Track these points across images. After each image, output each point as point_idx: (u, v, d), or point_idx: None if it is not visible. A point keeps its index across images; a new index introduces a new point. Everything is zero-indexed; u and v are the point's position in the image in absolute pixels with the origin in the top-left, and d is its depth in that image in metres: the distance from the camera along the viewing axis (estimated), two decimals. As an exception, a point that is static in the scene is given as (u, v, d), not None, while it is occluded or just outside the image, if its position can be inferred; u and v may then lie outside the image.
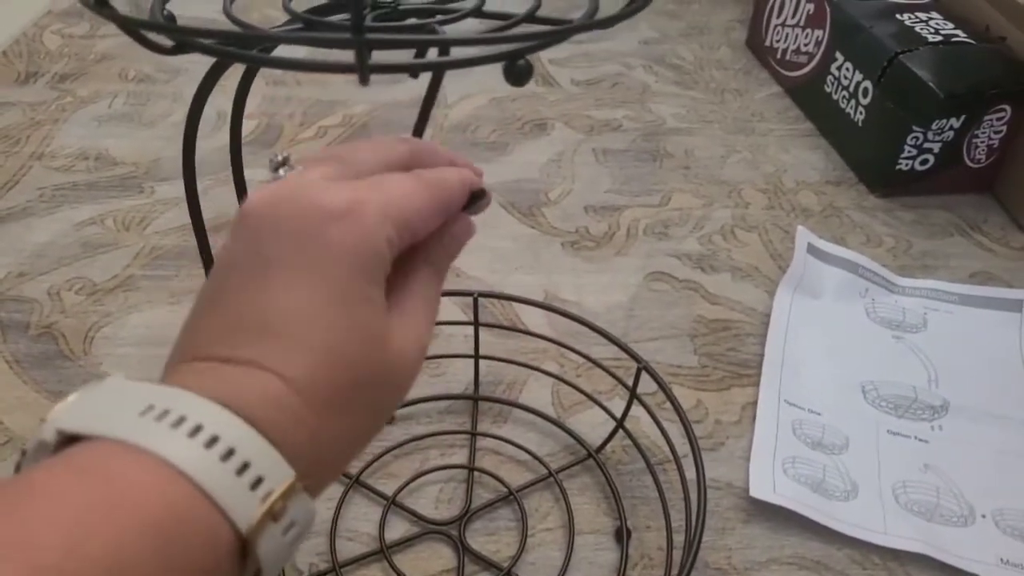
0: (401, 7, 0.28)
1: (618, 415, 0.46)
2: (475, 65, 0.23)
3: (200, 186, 0.64)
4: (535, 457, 0.46)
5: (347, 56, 0.22)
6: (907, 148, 0.65)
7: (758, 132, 0.76)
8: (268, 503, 0.18)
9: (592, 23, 0.23)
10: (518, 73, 0.23)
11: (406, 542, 0.42)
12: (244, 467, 0.18)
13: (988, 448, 0.48)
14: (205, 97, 0.32)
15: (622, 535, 0.42)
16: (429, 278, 0.24)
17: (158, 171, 0.66)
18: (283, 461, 0.19)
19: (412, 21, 0.28)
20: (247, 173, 0.67)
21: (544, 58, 0.86)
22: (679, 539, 0.42)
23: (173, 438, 0.18)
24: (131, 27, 0.23)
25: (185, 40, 0.23)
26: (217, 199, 0.60)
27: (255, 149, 0.69)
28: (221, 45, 0.23)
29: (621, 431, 0.46)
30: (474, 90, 0.79)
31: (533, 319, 0.54)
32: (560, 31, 0.23)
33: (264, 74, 0.80)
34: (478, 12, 0.28)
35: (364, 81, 0.22)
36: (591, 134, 0.75)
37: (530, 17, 0.27)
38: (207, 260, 0.39)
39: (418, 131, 0.35)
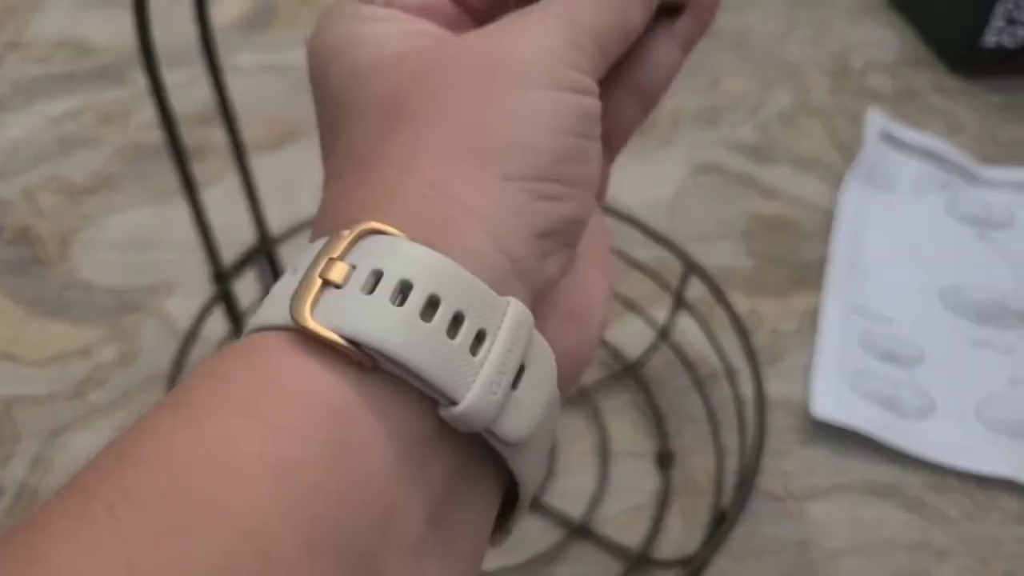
0: None
1: (660, 324, 0.40)
2: None
3: (189, 74, 0.57)
4: (565, 372, 0.40)
5: None
6: (996, 19, 0.56)
7: (822, 5, 0.66)
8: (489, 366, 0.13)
9: None
10: None
11: (419, 465, 0.37)
12: (457, 321, 0.13)
13: (1091, 360, 0.41)
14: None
15: (664, 459, 0.37)
16: None
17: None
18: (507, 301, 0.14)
19: None
20: (239, 57, 0.61)
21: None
22: (731, 463, 0.36)
23: (334, 300, 0.13)
24: None
25: None
26: (208, 88, 0.54)
27: (248, 32, 0.62)
28: None
29: (664, 343, 0.40)
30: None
31: (562, 218, 0.47)
32: None
33: (260, -48, 0.71)
34: None
35: None
36: (627, 12, 0.66)
37: None
38: (179, 154, 0.32)
39: None
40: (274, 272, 0.37)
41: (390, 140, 0.15)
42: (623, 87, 0.20)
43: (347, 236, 0.14)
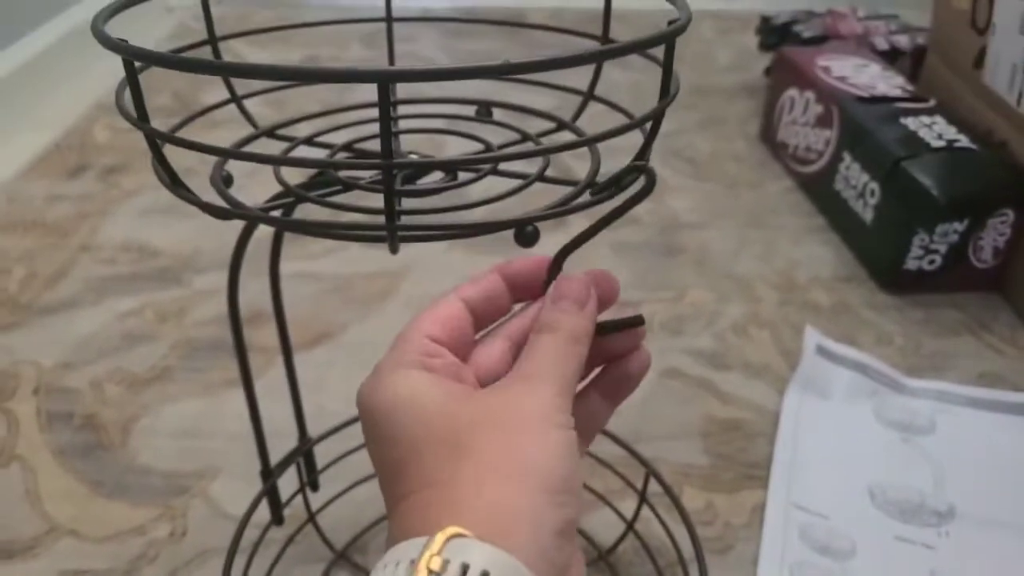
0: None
1: (629, 515, 0.48)
2: (490, 232, 0.26)
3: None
4: (547, 557, 0.47)
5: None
6: (914, 249, 0.67)
7: (771, 226, 0.78)
8: None
9: (591, 201, 0.26)
10: (527, 237, 0.26)
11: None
12: None
13: (995, 556, 0.48)
14: (240, 258, 0.35)
15: (631, 640, 0.43)
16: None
17: (196, 262, 0.70)
18: None
19: (435, 178, 0.32)
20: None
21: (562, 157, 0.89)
22: (687, 646, 0.42)
23: None
24: (198, 205, 0.27)
25: (239, 215, 0.26)
26: (249, 291, 0.64)
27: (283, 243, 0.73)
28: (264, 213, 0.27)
29: (632, 533, 0.47)
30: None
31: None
32: (563, 211, 0.26)
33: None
34: (495, 171, 0.31)
35: (394, 251, 0.25)
36: (609, 228, 0.77)
37: (540, 177, 0.31)
38: (243, 360, 0.41)
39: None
40: (310, 471, 0.45)
41: (459, 469, 0.23)
42: (599, 396, 0.31)
43: (441, 537, 0.20)
